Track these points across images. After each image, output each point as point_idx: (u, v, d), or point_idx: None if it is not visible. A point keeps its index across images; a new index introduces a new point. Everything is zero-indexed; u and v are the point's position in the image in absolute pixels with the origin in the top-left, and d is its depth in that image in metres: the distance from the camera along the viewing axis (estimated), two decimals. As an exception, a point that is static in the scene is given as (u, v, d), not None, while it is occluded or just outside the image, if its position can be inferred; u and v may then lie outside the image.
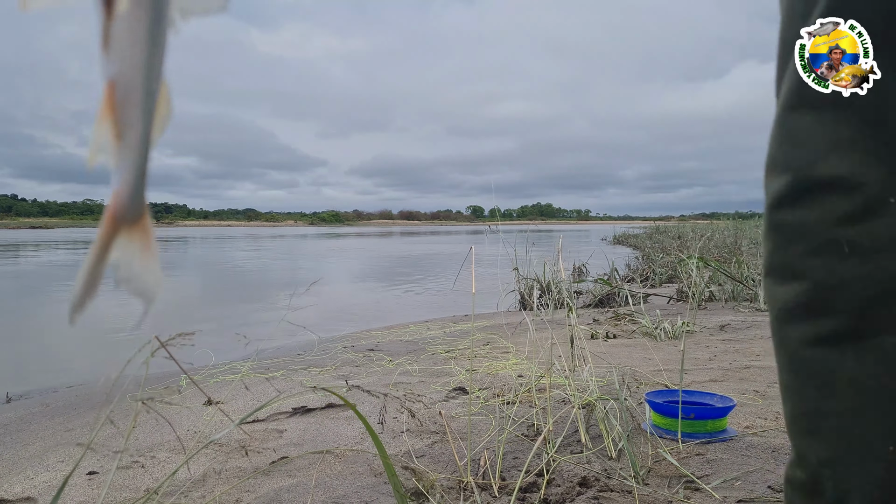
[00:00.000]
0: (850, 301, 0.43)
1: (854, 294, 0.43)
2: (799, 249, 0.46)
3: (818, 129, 0.47)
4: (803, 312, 0.46)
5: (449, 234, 32.92)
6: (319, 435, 1.25)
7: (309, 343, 2.65)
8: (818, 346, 0.45)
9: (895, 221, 0.42)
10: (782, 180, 0.47)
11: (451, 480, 0.93)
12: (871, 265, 0.43)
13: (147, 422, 1.43)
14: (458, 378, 1.69)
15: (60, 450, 1.31)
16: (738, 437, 1.07)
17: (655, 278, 4.73)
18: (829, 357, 0.44)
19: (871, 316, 0.43)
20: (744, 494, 0.83)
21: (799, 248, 0.46)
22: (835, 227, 0.44)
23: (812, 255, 0.45)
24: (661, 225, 18.55)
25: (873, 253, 0.42)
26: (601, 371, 1.68)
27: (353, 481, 0.96)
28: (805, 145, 0.46)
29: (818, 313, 0.45)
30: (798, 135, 0.47)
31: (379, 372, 1.89)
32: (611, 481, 0.88)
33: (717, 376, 1.59)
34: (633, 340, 2.28)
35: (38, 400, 1.91)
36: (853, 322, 0.43)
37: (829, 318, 0.44)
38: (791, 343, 0.47)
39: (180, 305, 4.43)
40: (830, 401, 0.45)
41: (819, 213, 0.45)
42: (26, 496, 1.04)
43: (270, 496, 0.92)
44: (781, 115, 0.49)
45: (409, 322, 3.49)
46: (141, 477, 1.08)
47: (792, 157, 0.47)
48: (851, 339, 0.43)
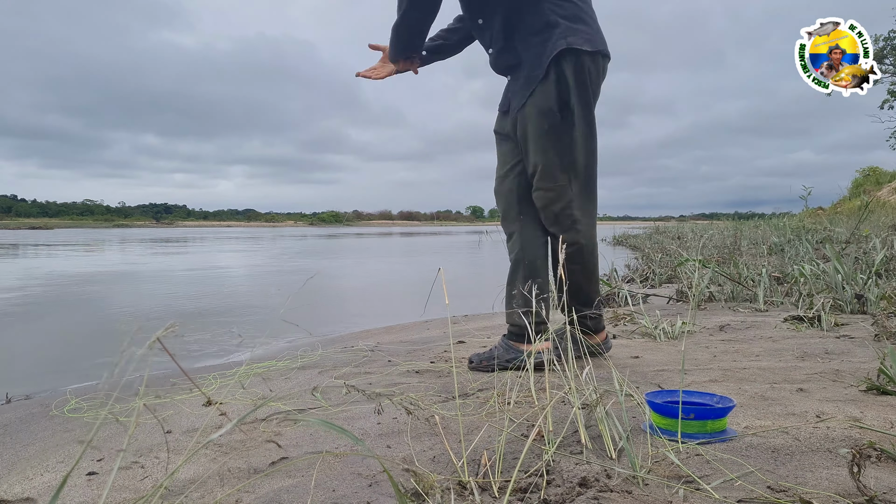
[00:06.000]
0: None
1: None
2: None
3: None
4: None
5: (449, 234, 32.93)
6: (319, 435, 1.25)
7: (308, 344, 2.64)
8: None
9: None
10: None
11: (451, 481, 0.93)
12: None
13: (147, 422, 1.43)
14: (457, 378, 1.69)
15: (60, 450, 1.31)
16: (738, 437, 1.07)
17: (655, 279, 4.73)
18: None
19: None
20: (744, 494, 0.83)
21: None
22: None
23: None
24: (660, 225, 18.57)
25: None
26: (601, 371, 1.68)
27: (353, 482, 0.96)
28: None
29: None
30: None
31: (379, 372, 1.89)
32: (611, 481, 0.88)
33: (717, 377, 1.59)
34: (632, 341, 2.28)
35: (37, 400, 1.91)
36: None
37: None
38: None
39: (179, 303, 4.43)
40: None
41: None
42: (26, 496, 1.04)
43: (270, 496, 0.92)
44: None
45: (408, 322, 3.49)
46: (141, 477, 1.08)
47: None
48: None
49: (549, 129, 1.75)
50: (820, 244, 5.55)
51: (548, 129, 1.75)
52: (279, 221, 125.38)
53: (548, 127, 1.74)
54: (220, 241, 21.47)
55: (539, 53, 1.74)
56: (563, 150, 1.75)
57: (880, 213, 9.57)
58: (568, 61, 1.70)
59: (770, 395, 1.36)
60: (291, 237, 26.45)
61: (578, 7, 1.76)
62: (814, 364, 1.70)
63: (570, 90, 1.72)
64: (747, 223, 11.83)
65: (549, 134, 1.75)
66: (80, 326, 3.69)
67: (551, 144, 1.75)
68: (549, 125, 1.74)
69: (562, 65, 1.71)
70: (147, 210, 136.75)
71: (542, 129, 1.75)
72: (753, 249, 6.11)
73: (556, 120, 1.73)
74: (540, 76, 1.73)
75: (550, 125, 1.74)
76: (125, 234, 36.30)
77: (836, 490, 0.84)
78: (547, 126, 1.74)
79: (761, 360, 1.81)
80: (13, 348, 3.07)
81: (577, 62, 1.71)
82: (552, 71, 1.71)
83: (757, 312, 2.87)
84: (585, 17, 1.76)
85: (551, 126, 1.74)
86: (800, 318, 2.47)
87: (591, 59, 1.73)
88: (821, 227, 7.77)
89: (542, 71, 1.72)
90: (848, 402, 1.28)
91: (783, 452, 0.99)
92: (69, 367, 2.57)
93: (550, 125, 1.74)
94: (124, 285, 6.09)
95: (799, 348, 1.94)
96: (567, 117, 1.73)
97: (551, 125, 1.74)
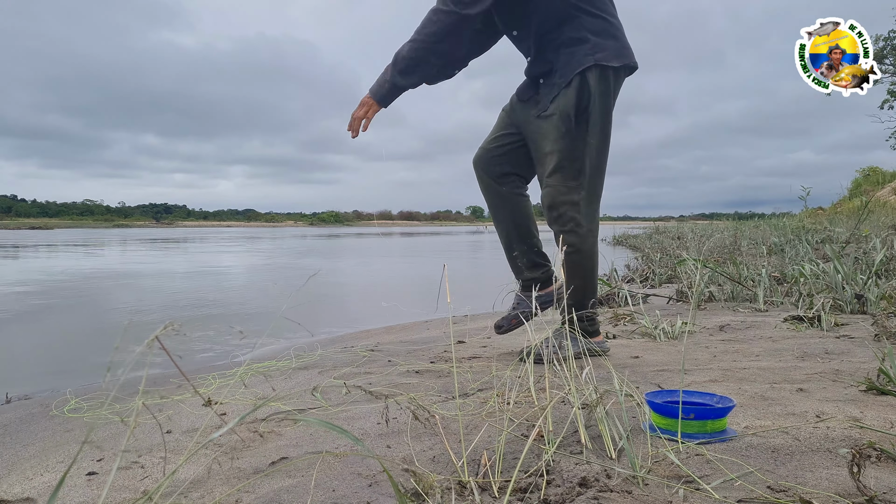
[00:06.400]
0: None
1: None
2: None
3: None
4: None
5: (449, 234, 32.93)
6: (319, 435, 1.25)
7: (308, 344, 2.65)
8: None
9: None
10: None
11: (451, 481, 0.93)
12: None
13: (147, 422, 1.43)
14: (457, 378, 1.69)
15: (60, 450, 1.31)
16: (738, 437, 1.07)
17: (655, 279, 4.73)
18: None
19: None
20: (744, 494, 0.83)
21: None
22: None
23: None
24: (660, 225, 18.58)
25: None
26: (601, 371, 1.68)
27: (353, 482, 0.96)
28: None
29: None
30: None
31: (379, 373, 1.89)
32: (611, 481, 0.88)
33: (717, 377, 1.59)
34: (632, 341, 2.28)
35: (37, 400, 1.91)
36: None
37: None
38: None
39: (178, 307, 4.43)
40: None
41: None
42: (26, 496, 1.04)
43: (270, 496, 0.92)
44: None
45: (408, 322, 3.49)
46: (141, 477, 1.08)
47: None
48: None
49: (565, 132, 1.83)
50: (820, 244, 5.55)
51: (565, 133, 1.83)
52: (279, 221, 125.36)
53: (565, 130, 1.83)
54: (220, 241, 21.47)
55: (567, 62, 1.82)
56: (576, 153, 1.83)
57: (880, 213, 9.57)
58: (594, 74, 1.79)
59: (770, 395, 1.36)
60: (292, 237, 26.45)
61: (608, 22, 1.84)
62: (814, 364, 1.70)
63: (592, 99, 1.80)
64: (747, 223, 11.84)
65: (566, 137, 1.83)
66: (81, 326, 3.69)
67: (566, 146, 1.83)
68: (566, 128, 1.83)
69: (587, 76, 1.80)
70: (147, 210, 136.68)
71: (560, 131, 1.83)
72: (753, 249, 6.12)
73: (572, 124, 1.82)
74: (563, 84, 1.82)
75: (567, 129, 1.83)
76: (125, 234, 36.30)
77: (836, 490, 0.84)
78: (564, 129, 1.83)
79: (761, 360, 1.81)
80: (13, 348, 3.07)
81: (603, 77, 1.80)
82: (576, 80, 1.80)
83: (757, 312, 2.87)
84: (615, 32, 1.85)
85: (568, 130, 1.83)
86: (800, 318, 2.47)
87: (615, 74, 1.83)
88: (821, 227, 7.77)
89: (566, 80, 1.82)
90: (848, 402, 1.28)
91: (783, 452, 0.99)
92: (69, 367, 2.58)
93: (567, 129, 1.83)
94: (124, 285, 6.09)
95: (799, 348, 1.94)
96: (582, 123, 1.82)
97: (568, 129, 1.83)
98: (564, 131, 1.83)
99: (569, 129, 1.82)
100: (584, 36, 1.80)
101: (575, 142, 1.82)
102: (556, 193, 1.85)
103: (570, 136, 1.82)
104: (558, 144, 1.84)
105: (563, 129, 1.83)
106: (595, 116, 1.81)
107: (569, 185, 1.84)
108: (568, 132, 1.82)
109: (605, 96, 1.81)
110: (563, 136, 1.83)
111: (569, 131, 1.82)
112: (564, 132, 1.83)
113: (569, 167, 1.83)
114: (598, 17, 1.82)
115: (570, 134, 1.82)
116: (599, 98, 1.80)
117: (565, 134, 1.83)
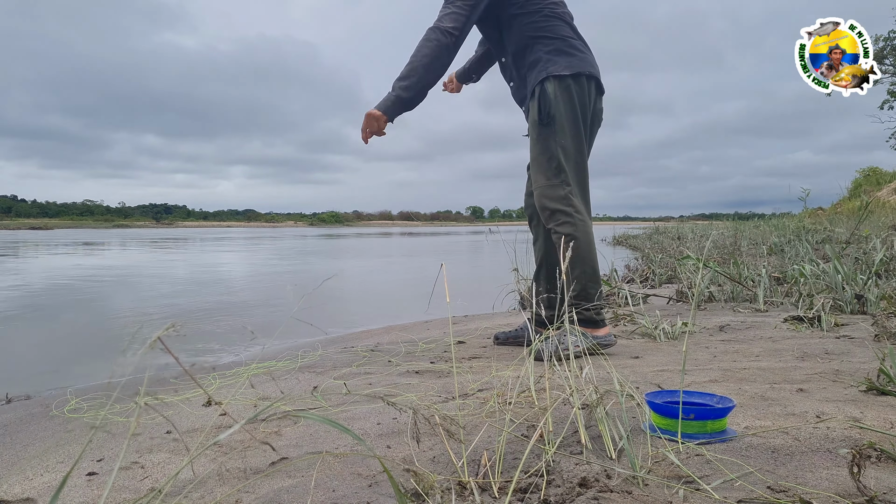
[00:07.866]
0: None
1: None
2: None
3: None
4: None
5: (449, 234, 32.92)
6: (319, 435, 1.25)
7: (308, 344, 2.65)
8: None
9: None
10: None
11: (451, 481, 0.93)
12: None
13: (147, 422, 1.43)
14: (457, 378, 1.69)
15: (60, 450, 1.31)
16: (738, 437, 1.07)
17: (655, 279, 4.73)
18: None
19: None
20: (744, 494, 0.83)
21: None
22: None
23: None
24: (660, 226, 18.58)
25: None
26: (601, 371, 1.68)
27: (353, 482, 0.96)
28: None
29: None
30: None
31: (379, 373, 1.89)
32: (611, 482, 0.88)
33: (717, 377, 1.59)
34: (632, 341, 2.28)
35: (37, 400, 1.91)
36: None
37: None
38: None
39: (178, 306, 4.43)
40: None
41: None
42: (26, 496, 1.04)
43: (270, 496, 0.92)
44: None
45: (408, 322, 3.49)
46: (141, 478, 1.08)
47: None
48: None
49: (538, 137, 2.02)
50: (820, 244, 5.55)
51: (537, 137, 2.02)
52: (279, 222, 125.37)
53: (537, 135, 2.02)
54: (221, 241, 21.48)
55: (531, 82, 2.06)
56: (551, 153, 2.00)
57: (880, 213, 9.57)
58: (550, 83, 1.99)
59: (770, 395, 1.36)
60: (293, 237, 26.46)
61: (565, 42, 2.05)
62: (814, 364, 1.70)
63: (554, 104, 1.98)
64: (747, 223, 11.83)
65: (539, 141, 2.02)
66: (81, 326, 3.69)
67: (541, 149, 2.01)
68: (538, 134, 2.02)
69: (544, 86, 2.00)
70: (147, 210, 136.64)
71: (534, 138, 2.04)
72: (753, 250, 6.11)
73: (541, 128, 2.01)
74: (529, 99, 2.07)
75: (539, 134, 2.01)
76: (125, 234, 36.29)
77: (836, 490, 0.84)
78: (536, 135, 2.02)
79: (761, 360, 1.81)
80: (13, 348, 3.07)
81: (561, 84, 1.99)
82: (536, 90, 2.02)
83: (757, 312, 2.87)
84: (569, 50, 2.04)
85: (539, 134, 2.01)
86: (800, 319, 2.47)
87: (574, 80, 2.00)
88: (821, 228, 7.77)
89: (529, 93, 2.06)
90: (848, 402, 1.28)
91: (783, 452, 0.99)
92: (69, 367, 2.57)
93: (539, 134, 2.01)
94: (125, 285, 6.09)
95: (799, 348, 1.94)
96: (550, 126, 1.99)
97: (539, 133, 2.01)
98: (536, 137, 2.01)
99: (540, 134, 2.00)
100: (539, 57, 2.03)
101: (547, 142, 1.99)
102: (543, 193, 2.01)
103: (543, 139, 2.00)
104: (534, 151, 2.03)
105: (534, 136, 2.02)
106: (560, 119, 1.98)
107: (552, 183, 1.99)
108: (540, 136, 2.00)
109: (567, 100, 1.98)
110: (537, 142, 2.02)
111: (540, 136, 2.00)
112: (536, 138, 2.01)
113: (547, 166, 1.99)
114: (553, 40, 2.03)
115: (542, 137, 2.00)
116: (562, 102, 1.98)
117: (538, 139, 2.01)
